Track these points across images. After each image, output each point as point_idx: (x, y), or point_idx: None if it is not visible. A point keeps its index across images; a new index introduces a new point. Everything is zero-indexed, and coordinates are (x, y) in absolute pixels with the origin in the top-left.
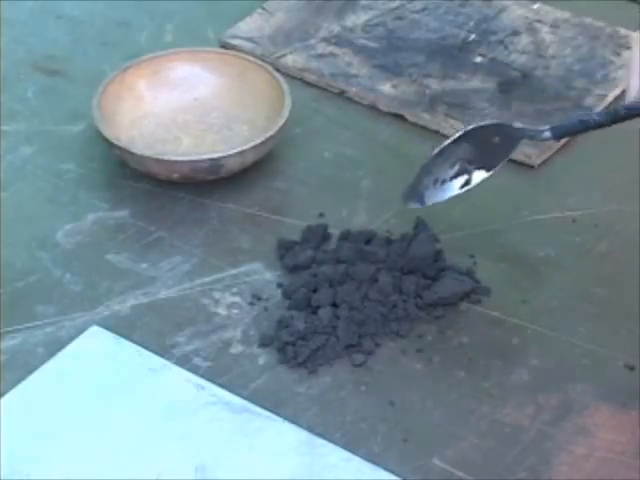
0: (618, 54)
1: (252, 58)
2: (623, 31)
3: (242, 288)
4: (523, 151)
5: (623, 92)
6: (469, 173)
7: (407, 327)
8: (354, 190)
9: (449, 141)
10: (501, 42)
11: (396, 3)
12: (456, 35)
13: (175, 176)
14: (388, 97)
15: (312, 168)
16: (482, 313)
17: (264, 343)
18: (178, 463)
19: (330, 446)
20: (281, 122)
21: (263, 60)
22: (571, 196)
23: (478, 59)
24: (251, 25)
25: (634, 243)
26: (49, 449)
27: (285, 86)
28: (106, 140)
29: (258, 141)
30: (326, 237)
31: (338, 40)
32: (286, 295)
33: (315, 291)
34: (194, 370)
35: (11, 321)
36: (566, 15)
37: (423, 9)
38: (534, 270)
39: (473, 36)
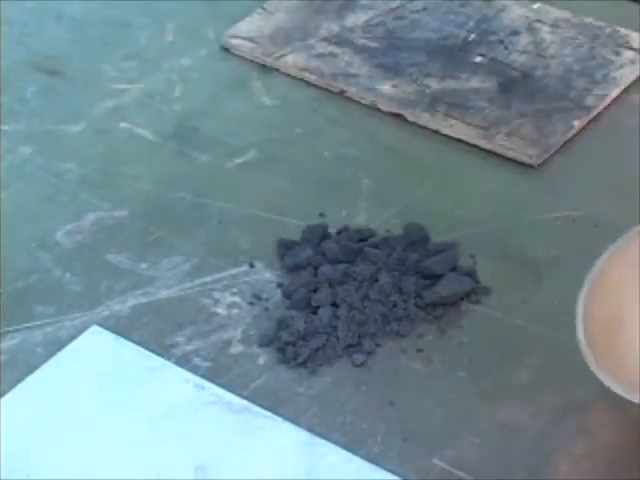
0: (618, 54)
1: None
2: (623, 31)
3: (242, 288)
4: (523, 151)
5: (622, 92)
6: None
7: (407, 327)
8: (354, 190)
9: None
10: (501, 42)
11: (396, 3)
12: (456, 35)
13: None
14: (388, 97)
15: (312, 168)
16: (482, 313)
17: (264, 343)
18: (178, 463)
19: (330, 446)
20: None
21: (263, 60)
22: (571, 196)
23: (478, 59)
24: (251, 25)
25: None
26: (49, 449)
27: None
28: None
29: None
30: (326, 237)
31: (338, 40)
32: (286, 295)
33: (315, 291)
34: (194, 370)
35: (11, 321)
36: (566, 15)
37: (423, 9)
38: (534, 270)
39: (473, 36)
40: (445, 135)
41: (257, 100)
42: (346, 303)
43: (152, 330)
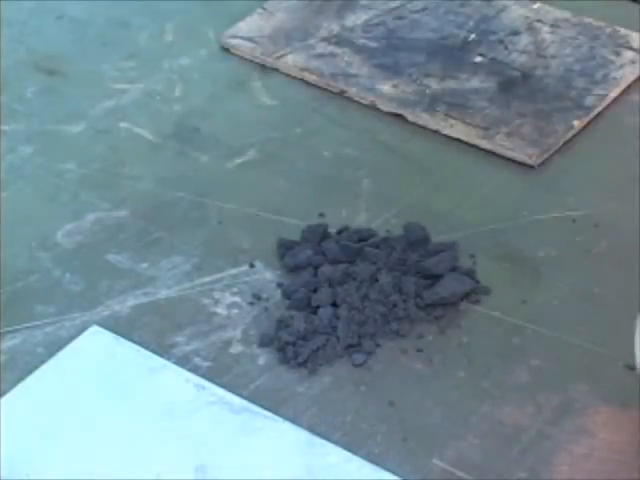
0: (618, 54)
1: None
2: (623, 31)
3: (242, 288)
4: (523, 151)
5: (622, 92)
6: None
7: (407, 327)
8: (354, 190)
9: None
10: (501, 42)
11: (396, 3)
12: (456, 35)
13: None
14: (388, 97)
15: (312, 168)
16: (482, 313)
17: (264, 343)
18: (178, 463)
19: (330, 446)
20: None
21: (263, 60)
22: (571, 196)
23: (478, 59)
24: (251, 25)
25: (634, 243)
26: (49, 449)
27: None
28: None
29: None
30: (326, 237)
31: (338, 40)
32: (286, 295)
33: (315, 291)
34: (194, 370)
35: (11, 321)
36: (566, 15)
37: (423, 9)
38: (534, 270)
39: (473, 36)
40: (445, 135)
41: (257, 100)
42: (346, 303)
43: (152, 330)
